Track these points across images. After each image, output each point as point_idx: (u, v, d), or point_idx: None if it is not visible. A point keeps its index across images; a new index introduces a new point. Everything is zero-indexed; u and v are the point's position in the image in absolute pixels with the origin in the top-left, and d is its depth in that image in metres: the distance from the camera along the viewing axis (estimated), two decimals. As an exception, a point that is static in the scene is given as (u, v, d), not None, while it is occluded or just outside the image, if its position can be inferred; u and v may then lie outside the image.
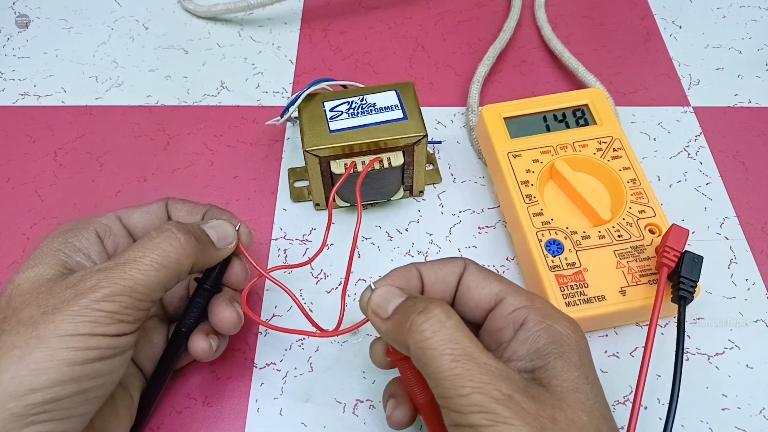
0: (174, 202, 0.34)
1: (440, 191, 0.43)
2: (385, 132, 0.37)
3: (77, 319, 0.25)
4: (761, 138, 0.46)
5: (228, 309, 0.32)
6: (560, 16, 0.54)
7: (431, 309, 0.25)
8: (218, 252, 0.31)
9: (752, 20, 0.54)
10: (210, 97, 0.48)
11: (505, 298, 0.28)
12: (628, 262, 0.35)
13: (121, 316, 0.26)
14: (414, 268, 0.30)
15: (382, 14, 0.55)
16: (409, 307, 0.26)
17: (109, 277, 0.27)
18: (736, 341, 0.36)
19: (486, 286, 0.28)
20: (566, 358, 0.25)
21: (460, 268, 0.29)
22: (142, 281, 0.27)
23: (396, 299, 0.27)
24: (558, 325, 0.26)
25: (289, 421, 0.34)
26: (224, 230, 0.32)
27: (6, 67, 0.51)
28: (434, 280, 0.29)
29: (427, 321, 0.25)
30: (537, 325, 0.26)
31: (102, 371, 0.26)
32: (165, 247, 0.28)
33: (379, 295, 0.28)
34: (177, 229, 0.29)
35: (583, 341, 0.27)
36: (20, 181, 0.44)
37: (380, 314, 0.28)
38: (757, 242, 0.40)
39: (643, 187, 0.38)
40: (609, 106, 0.41)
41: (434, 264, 0.30)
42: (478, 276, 0.29)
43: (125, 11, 0.55)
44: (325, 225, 0.41)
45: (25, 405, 0.24)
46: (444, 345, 0.24)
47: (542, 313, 0.27)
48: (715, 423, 0.34)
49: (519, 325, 0.27)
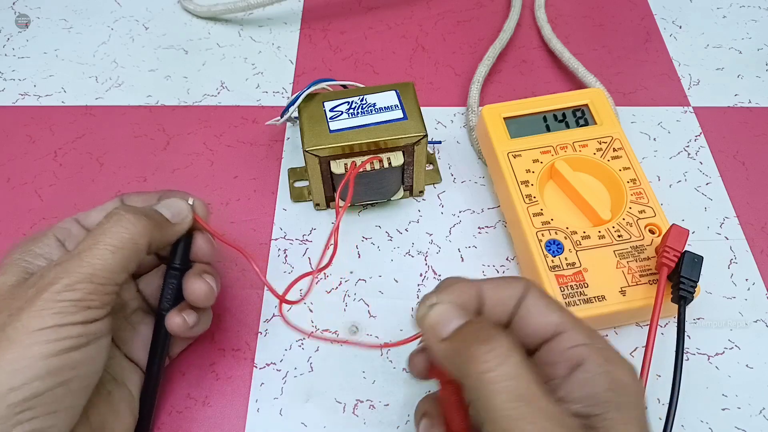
0: (128, 196, 0.34)
1: (440, 191, 0.43)
2: (385, 132, 0.37)
3: (42, 313, 0.26)
4: (761, 138, 0.46)
5: (198, 281, 0.32)
6: (560, 16, 0.54)
7: (497, 339, 0.24)
8: (175, 227, 0.32)
9: (752, 20, 0.54)
10: (210, 97, 0.48)
11: (565, 332, 0.26)
12: (628, 262, 0.35)
13: (86, 303, 0.27)
14: (476, 286, 0.28)
15: (382, 14, 0.55)
16: (473, 332, 0.25)
17: (67, 268, 0.27)
18: (736, 341, 0.36)
19: (547, 314, 0.27)
20: (625, 411, 0.24)
21: (521, 291, 0.28)
22: (101, 265, 0.27)
23: (457, 320, 0.26)
24: (620, 371, 0.25)
25: (289, 421, 0.34)
26: (177, 205, 0.32)
27: (6, 67, 0.51)
28: (494, 302, 0.28)
29: (491, 352, 0.24)
30: (598, 368, 0.25)
31: (79, 361, 0.26)
32: (116, 229, 0.29)
33: (439, 313, 0.26)
34: (125, 210, 0.30)
35: (642, 393, 0.25)
36: (20, 181, 0.44)
37: (438, 333, 0.26)
38: (757, 242, 0.40)
39: (643, 187, 0.38)
40: (609, 106, 0.41)
41: (496, 283, 0.28)
42: (540, 302, 0.27)
43: (125, 11, 0.55)
44: (326, 225, 0.41)
45: (6, 406, 0.24)
46: (505, 381, 0.23)
47: (604, 355, 0.25)
48: (715, 423, 0.34)
49: (576, 364, 0.25)
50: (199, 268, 0.33)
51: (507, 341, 0.24)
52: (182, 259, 0.33)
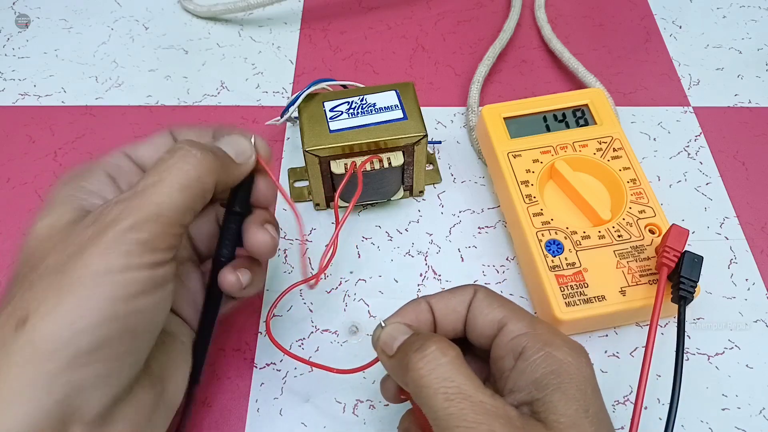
0: (178, 129, 0.31)
1: (440, 191, 0.43)
2: (385, 132, 0.37)
3: (108, 252, 0.23)
4: (761, 138, 0.46)
5: (260, 231, 0.29)
6: (560, 16, 0.54)
7: (427, 346, 0.25)
8: (240, 168, 0.29)
9: (752, 20, 0.54)
10: (210, 97, 0.48)
11: (506, 325, 0.27)
12: (628, 262, 0.35)
13: (153, 244, 0.24)
14: (424, 301, 0.29)
15: (382, 14, 0.55)
16: (409, 344, 0.26)
17: (130, 206, 0.24)
18: (736, 341, 0.36)
19: (489, 312, 0.28)
20: (564, 390, 0.25)
21: (469, 296, 0.29)
22: (167, 205, 0.25)
23: (401, 336, 0.27)
24: (558, 352, 0.26)
25: (289, 421, 0.34)
26: (240, 144, 0.29)
27: (6, 67, 0.51)
28: (445, 312, 0.29)
29: (422, 359, 0.25)
30: (535, 353, 0.26)
31: (146, 307, 0.24)
32: (182, 166, 0.26)
33: (386, 332, 0.28)
34: (191, 145, 0.27)
35: (585, 368, 0.26)
36: (20, 181, 0.44)
37: (386, 352, 0.27)
38: (757, 242, 0.40)
39: (643, 187, 0.38)
40: (609, 106, 0.41)
41: (444, 295, 0.29)
42: (484, 302, 0.28)
43: (125, 11, 0.55)
44: (326, 225, 0.41)
45: (73, 350, 0.22)
46: (438, 383, 0.24)
47: (542, 339, 0.26)
48: (715, 423, 0.34)
49: (518, 353, 0.26)
50: (260, 216, 0.30)
51: (437, 345, 0.25)
52: (243, 204, 0.30)
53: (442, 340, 0.26)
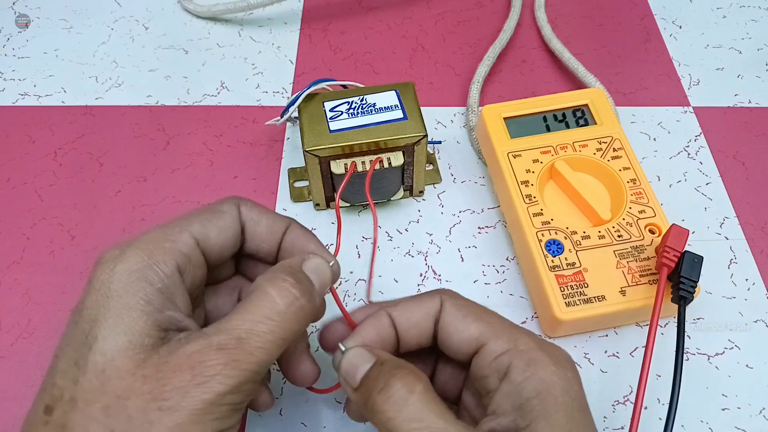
0: (249, 210, 0.28)
1: (440, 191, 0.43)
2: (385, 132, 0.37)
3: (204, 420, 0.22)
4: (761, 138, 0.46)
5: (305, 362, 0.28)
6: (560, 16, 0.54)
7: (391, 385, 0.23)
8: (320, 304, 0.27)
9: (752, 20, 0.54)
10: (210, 97, 0.48)
11: (486, 344, 0.26)
12: (628, 262, 0.35)
13: (244, 403, 0.23)
14: (385, 314, 0.27)
15: (382, 14, 0.55)
16: (372, 381, 0.24)
17: (234, 361, 0.22)
18: (736, 341, 0.36)
19: (465, 329, 0.26)
20: (549, 418, 0.23)
21: (434, 308, 0.27)
22: (266, 361, 0.23)
23: (363, 366, 0.25)
24: (543, 371, 0.24)
25: (289, 421, 0.34)
26: (324, 274, 0.27)
27: (6, 67, 0.51)
28: (406, 326, 0.27)
29: (387, 401, 0.23)
30: (521, 374, 0.24)
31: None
32: (290, 318, 0.24)
33: (347, 361, 0.26)
34: (300, 292, 0.25)
35: (572, 386, 0.24)
36: (20, 181, 0.44)
37: (350, 383, 0.25)
38: (757, 242, 0.40)
39: (643, 187, 0.38)
40: (609, 106, 0.41)
41: (407, 305, 0.27)
42: (456, 317, 0.26)
43: (125, 11, 0.55)
44: (326, 225, 0.41)
45: None
46: (407, 426, 0.23)
47: (526, 358, 0.25)
48: (715, 423, 0.34)
49: (503, 373, 0.25)
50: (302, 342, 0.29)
51: (402, 382, 0.24)
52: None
53: (408, 374, 0.24)
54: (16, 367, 0.36)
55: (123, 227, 0.41)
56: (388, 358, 0.26)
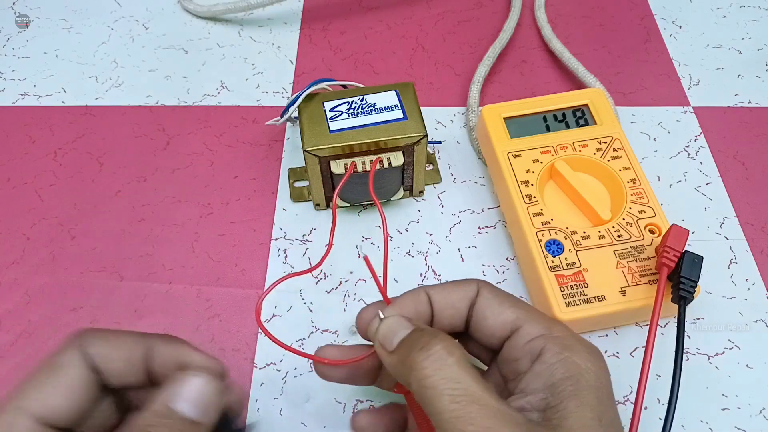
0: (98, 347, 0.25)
1: (440, 191, 0.43)
2: (385, 132, 0.37)
3: None
4: (761, 138, 0.46)
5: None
6: (560, 16, 0.54)
7: (432, 345, 0.24)
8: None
9: (752, 20, 0.54)
10: (210, 97, 0.48)
11: (522, 327, 0.26)
12: (628, 262, 0.35)
13: None
14: (423, 292, 0.28)
15: (382, 14, 0.55)
16: (413, 341, 0.25)
17: None
18: (736, 341, 0.36)
19: (501, 312, 0.27)
20: (581, 398, 0.24)
21: (472, 293, 0.28)
22: None
23: (402, 331, 0.26)
24: (577, 356, 0.25)
25: (289, 421, 0.34)
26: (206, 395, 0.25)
27: (6, 67, 0.51)
28: (443, 306, 0.28)
29: (428, 358, 0.24)
30: (554, 356, 0.25)
31: None
32: None
33: (386, 326, 0.27)
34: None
35: (603, 374, 0.25)
36: (20, 181, 0.44)
37: (386, 347, 0.26)
38: (757, 242, 0.40)
39: (643, 187, 0.38)
40: (609, 106, 0.41)
41: (445, 287, 0.28)
42: (494, 302, 0.27)
43: (125, 11, 0.55)
44: (326, 225, 0.41)
45: None
46: (445, 384, 0.23)
47: (561, 343, 0.25)
48: (715, 423, 0.34)
49: (536, 355, 0.25)
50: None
51: (443, 344, 0.24)
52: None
53: (447, 339, 0.25)
54: (16, 367, 0.36)
55: (123, 227, 0.41)
56: (425, 327, 0.27)
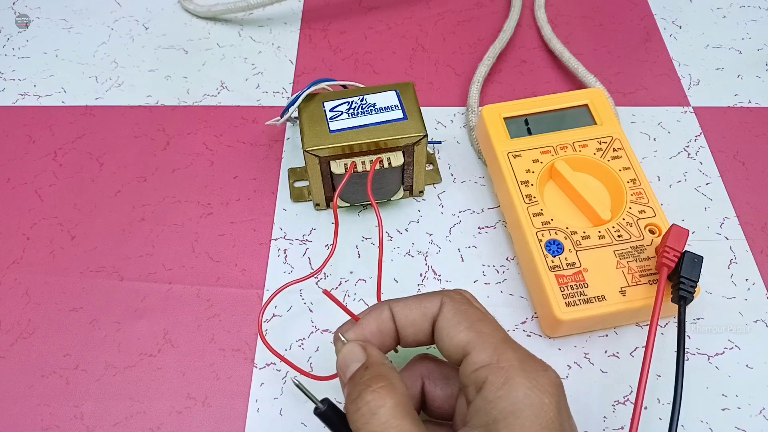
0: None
1: (440, 191, 0.43)
2: (385, 132, 0.37)
3: None
4: (761, 138, 0.46)
5: None
6: (560, 16, 0.54)
7: (363, 397, 0.25)
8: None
9: (752, 20, 0.54)
10: (210, 97, 0.48)
11: (470, 353, 0.25)
12: (628, 262, 0.35)
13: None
14: (387, 308, 0.28)
15: (382, 14, 0.55)
16: (357, 379, 0.26)
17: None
18: (736, 341, 0.36)
19: (455, 335, 0.26)
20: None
21: (433, 309, 0.27)
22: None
23: (354, 365, 0.26)
24: (518, 390, 0.24)
25: (289, 421, 0.34)
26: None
27: (6, 67, 0.51)
28: (404, 323, 0.28)
29: (357, 412, 0.24)
30: (493, 392, 0.24)
31: None
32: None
33: (342, 356, 0.27)
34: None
35: (545, 413, 0.23)
36: (20, 181, 0.44)
37: (343, 377, 0.27)
38: (757, 242, 0.40)
39: (643, 187, 0.38)
40: (609, 106, 0.41)
41: (408, 303, 0.28)
42: (451, 322, 0.26)
43: (125, 11, 0.55)
44: (326, 225, 0.41)
45: None
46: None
47: (504, 375, 0.24)
48: (715, 423, 0.34)
49: (479, 387, 0.25)
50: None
51: (373, 396, 0.24)
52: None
53: (383, 387, 0.25)
54: (16, 367, 0.36)
55: (123, 227, 0.41)
56: (375, 361, 0.26)
